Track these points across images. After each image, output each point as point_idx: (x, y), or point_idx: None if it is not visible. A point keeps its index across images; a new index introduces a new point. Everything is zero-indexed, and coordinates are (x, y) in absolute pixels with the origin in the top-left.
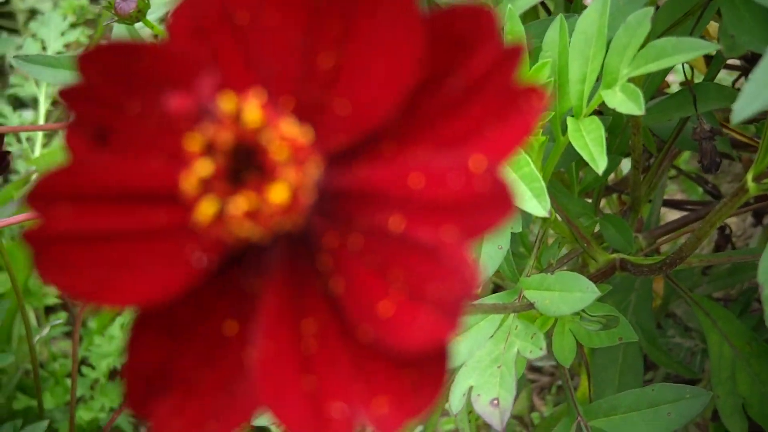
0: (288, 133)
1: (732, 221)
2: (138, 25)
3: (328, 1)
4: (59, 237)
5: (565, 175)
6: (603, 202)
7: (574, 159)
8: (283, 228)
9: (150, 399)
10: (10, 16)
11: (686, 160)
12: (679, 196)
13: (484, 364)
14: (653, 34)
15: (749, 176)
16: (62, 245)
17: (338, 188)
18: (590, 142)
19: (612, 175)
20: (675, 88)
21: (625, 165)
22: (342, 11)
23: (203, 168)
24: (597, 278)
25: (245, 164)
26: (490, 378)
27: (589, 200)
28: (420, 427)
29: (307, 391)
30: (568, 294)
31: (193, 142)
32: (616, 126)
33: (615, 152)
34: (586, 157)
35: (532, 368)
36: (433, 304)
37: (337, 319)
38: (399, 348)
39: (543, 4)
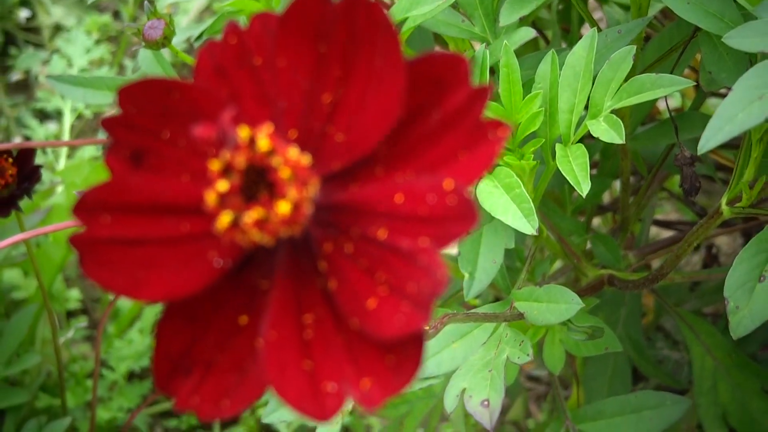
0: (292, 158)
1: (723, 240)
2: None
3: (331, 50)
4: (101, 241)
5: (560, 194)
6: (599, 220)
7: (566, 181)
8: (287, 235)
9: (174, 379)
10: (36, 31)
11: (678, 182)
12: (673, 216)
13: (476, 368)
14: (644, 64)
15: (723, 200)
16: (104, 248)
17: (334, 203)
18: (576, 168)
19: (608, 195)
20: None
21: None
22: (342, 58)
23: (222, 185)
24: (587, 292)
25: (257, 183)
26: (482, 381)
27: (583, 218)
28: (421, 431)
29: (305, 372)
30: (554, 305)
31: (215, 164)
32: (607, 151)
33: (606, 174)
34: (571, 181)
35: (530, 377)
36: (410, 299)
37: (331, 312)
38: (382, 335)
39: (541, 32)
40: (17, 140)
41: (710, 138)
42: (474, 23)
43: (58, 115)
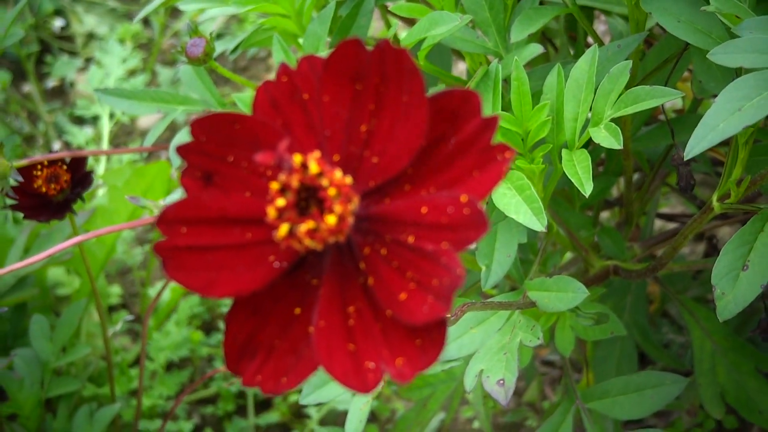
0: (337, 179)
1: (726, 231)
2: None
3: (366, 88)
4: (179, 249)
5: (570, 192)
6: (608, 214)
7: None
8: (333, 241)
9: (241, 361)
10: (70, 39)
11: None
12: (679, 209)
13: (493, 351)
14: (645, 71)
15: (714, 197)
16: (182, 254)
17: (371, 214)
18: (580, 171)
19: (616, 191)
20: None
21: None
22: (375, 95)
23: (281, 202)
24: (594, 281)
25: (308, 199)
26: (498, 362)
27: (591, 213)
28: (442, 414)
29: (350, 353)
30: (563, 294)
31: (274, 185)
32: (612, 151)
33: (611, 173)
34: (575, 183)
35: (544, 362)
36: (433, 292)
37: (370, 303)
38: (411, 322)
39: (551, 41)
40: (57, 145)
41: (695, 145)
42: (488, 39)
43: (93, 119)
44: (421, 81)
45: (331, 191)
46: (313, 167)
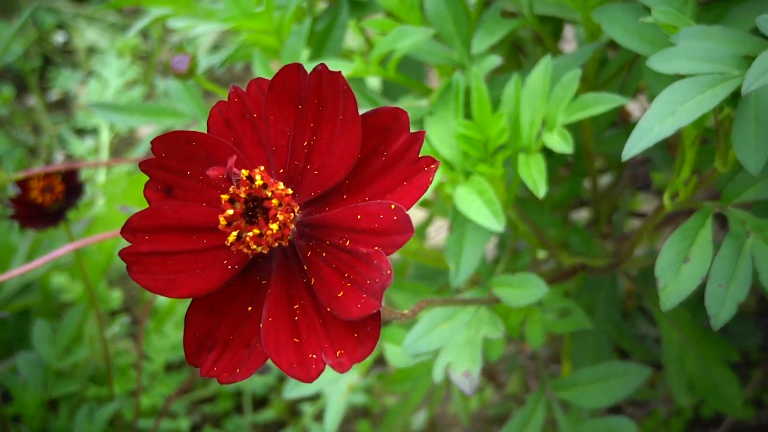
0: (279, 191)
1: None
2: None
3: (306, 107)
4: (142, 254)
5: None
6: (587, 213)
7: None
8: (278, 246)
9: (200, 354)
10: (71, 52)
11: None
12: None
13: (459, 344)
14: (604, 78)
15: (665, 196)
16: (144, 259)
17: (312, 221)
18: (534, 174)
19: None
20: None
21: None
22: (315, 114)
23: (230, 211)
24: (563, 277)
25: (254, 209)
26: (463, 355)
27: (568, 213)
28: (424, 411)
29: (295, 346)
30: (525, 290)
31: (224, 196)
32: (578, 154)
33: (578, 174)
34: (529, 186)
35: (530, 357)
36: (366, 290)
37: (313, 301)
38: (348, 317)
39: (521, 49)
40: (59, 156)
41: (632, 147)
42: (453, 51)
43: (94, 131)
44: (353, 101)
45: (274, 201)
46: (258, 180)
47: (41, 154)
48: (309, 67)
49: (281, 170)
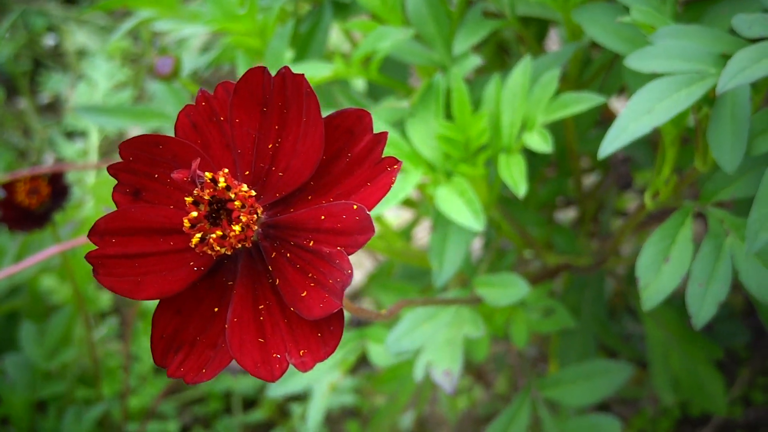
0: (242, 192)
1: None
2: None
3: (270, 110)
4: (109, 257)
5: (528, 194)
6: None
7: (532, 180)
8: (241, 247)
9: (167, 355)
10: (62, 55)
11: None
12: None
13: (440, 343)
14: (587, 77)
15: (647, 195)
16: (111, 262)
17: (277, 222)
18: (515, 174)
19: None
20: None
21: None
22: (279, 116)
23: (194, 213)
24: (547, 276)
25: (218, 211)
26: (444, 354)
27: (561, 214)
28: (412, 410)
29: (260, 346)
30: (506, 289)
31: (189, 198)
32: (563, 153)
33: (564, 174)
34: (509, 185)
35: (519, 356)
36: (328, 290)
37: (278, 301)
38: (311, 317)
39: (505, 49)
40: (49, 158)
41: (608, 145)
42: (434, 51)
43: (83, 134)
44: (316, 103)
45: (237, 203)
46: (222, 182)
47: (31, 157)
48: (294, 69)
49: (247, 172)
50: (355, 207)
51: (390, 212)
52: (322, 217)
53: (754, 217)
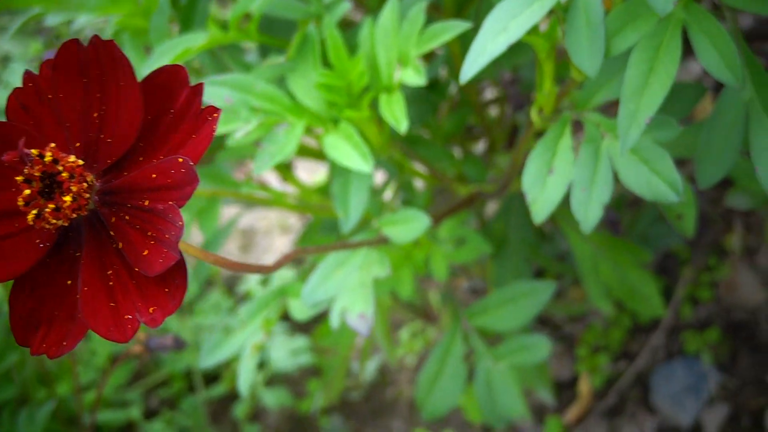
0: (69, 163)
1: None
2: None
3: (90, 80)
4: None
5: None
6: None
7: (427, 116)
8: (78, 216)
9: (27, 334)
10: None
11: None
12: None
13: (352, 287)
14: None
15: (533, 111)
16: None
17: (113, 187)
18: (396, 111)
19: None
20: None
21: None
22: (99, 84)
23: (27, 191)
24: (461, 206)
25: (50, 185)
26: (357, 298)
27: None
28: (375, 359)
29: (111, 310)
30: (409, 225)
31: (19, 177)
32: (462, 86)
33: (464, 106)
34: (392, 124)
35: (474, 291)
36: (165, 244)
37: (125, 264)
38: (153, 273)
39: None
40: None
41: (467, 70)
42: (310, 4)
43: None
44: (128, 66)
45: (65, 174)
46: (48, 156)
47: None
48: (174, 44)
49: (78, 144)
50: (180, 160)
51: (304, 169)
52: (154, 176)
53: (623, 115)
